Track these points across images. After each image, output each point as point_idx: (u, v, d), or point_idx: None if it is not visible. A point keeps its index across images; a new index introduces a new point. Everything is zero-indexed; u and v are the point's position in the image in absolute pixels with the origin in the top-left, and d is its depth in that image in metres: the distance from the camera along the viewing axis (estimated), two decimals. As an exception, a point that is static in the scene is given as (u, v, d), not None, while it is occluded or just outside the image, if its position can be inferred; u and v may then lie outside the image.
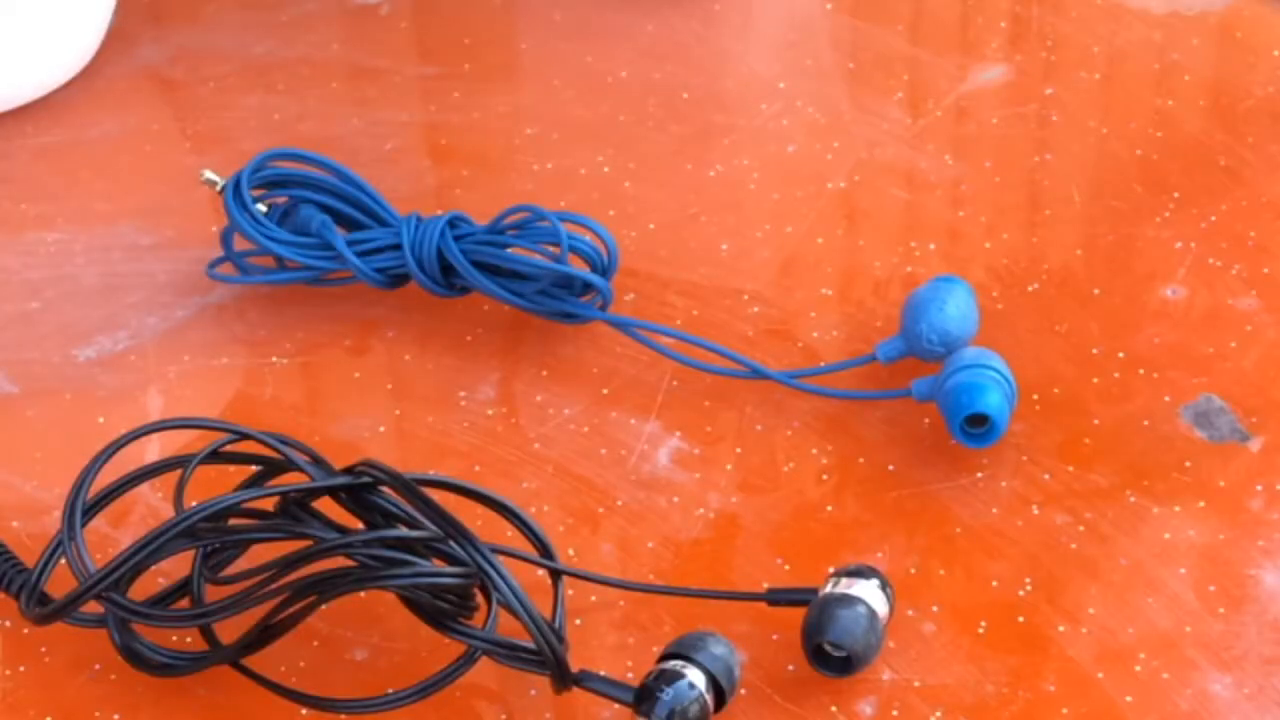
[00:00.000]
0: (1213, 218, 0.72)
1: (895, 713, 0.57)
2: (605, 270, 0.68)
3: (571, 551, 0.61)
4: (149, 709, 0.58)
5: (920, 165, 0.76)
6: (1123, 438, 0.64)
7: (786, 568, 0.61)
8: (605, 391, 0.67)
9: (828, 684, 0.57)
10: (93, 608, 0.57)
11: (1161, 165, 0.75)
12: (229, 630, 0.57)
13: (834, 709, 0.57)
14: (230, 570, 0.57)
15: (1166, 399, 0.65)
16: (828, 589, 0.57)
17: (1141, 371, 0.66)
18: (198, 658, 0.58)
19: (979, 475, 0.63)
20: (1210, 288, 0.69)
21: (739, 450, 0.65)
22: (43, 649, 0.60)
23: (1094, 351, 0.67)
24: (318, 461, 0.58)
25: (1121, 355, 0.67)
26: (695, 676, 0.55)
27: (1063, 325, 0.68)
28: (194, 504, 0.56)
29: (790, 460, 0.64)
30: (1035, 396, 0.65)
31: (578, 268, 0.67)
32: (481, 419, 0.66)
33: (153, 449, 0.64)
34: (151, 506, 0.63)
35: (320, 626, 0.59)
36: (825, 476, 0.64)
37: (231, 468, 0.59)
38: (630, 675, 0.57)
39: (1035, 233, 0.73)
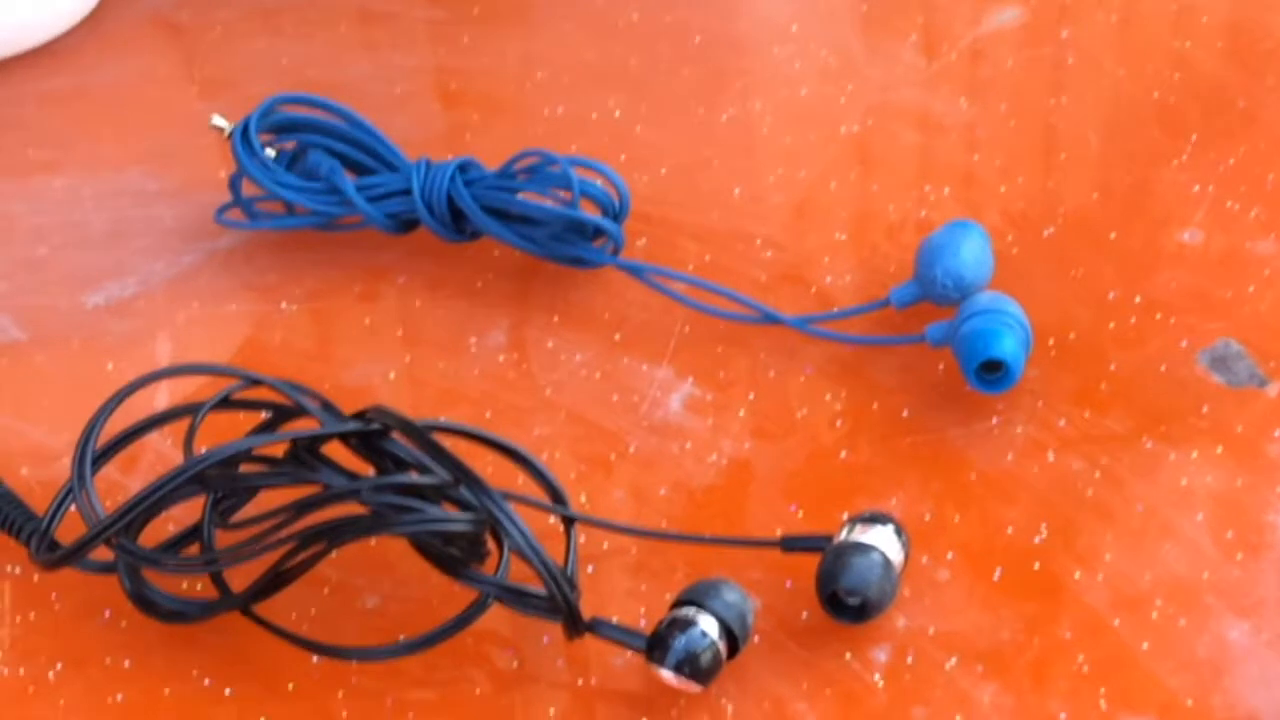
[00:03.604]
0: (1231, 160, 0.72)
1: (910, 660, 0.56)
2: (617, 215, 0.67)
3: (583, 498, 0.61)
4: (160, 655, 0.58)
5: (935, 108, 0.75)
6: (1139, 383, 0.64)
7: (800, 514, 0.60)
8: (617, 337, 0.67)
9: (842, 631, 0.57)
10: (103, 554, 0.57)
11: (1179, 107, 0.74)
12: (240, 577, 0.57)
13: (848, 656, 0.56)
14: (240, 516, 0.57)
15: (1183, 343, 0.65)
16: (842, 536, 0.57)
17: (1158, 316, 0.66)
18: (208, 605, 0.57)
19: (994, 421, 0.63)
20: (1228, 231, 0.69)
21: (752, 396, 0.64)
22: (53, 595, 0.59)
23: (1110, 296, 0.67)
24: (328, 407, 0.58)
25: (1138, 299, 0.66)
26: (708, 624, 0.55)
27: (1079, 270, 0.68)
28: (204, 450, 0.56)
29: (804, 406, 0.64)
30: (1051, 341, 0.65)
31: (589, 213, 0.67)
32: (492, 365, 0.66)
33: (162, 396, 0.64)
34: (161, 453, 0.63)
35: (331, 574, 0.59)
36: (839, 422, 0.63)
37: (241, 414, 0.59)
38: (643, 622, 0.57)
39: (1051, 176, 0.72)
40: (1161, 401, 0.63)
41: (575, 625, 0.55)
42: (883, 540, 0.56)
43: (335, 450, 0.57)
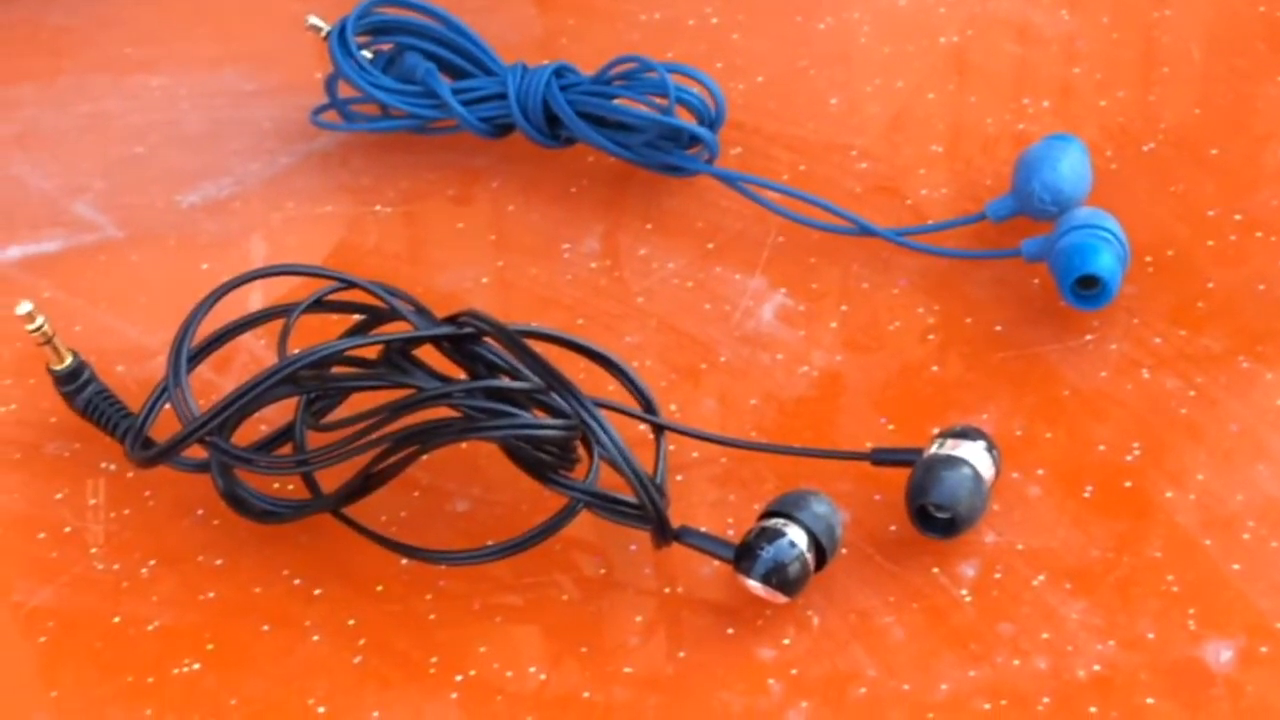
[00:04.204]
0: (1337, 77, 0.71)
1: (998, 575, 0.56)
2: (712, 123, 0.67)
3: (674, 407, 0.61)
4: (251, 554, 0.58)
5: (1035, 19, 0.74)
6: (1237, 301, 0.63)
7: (890, 427, 0.60)
8: (710, 246, 0.66)
9: (930, 545, 0.57)
10: (196, 453, 0.57)
11: (1285, 22, 0.73)
12: (330, 479, 0.57)
13: (936, 570, 0.56)
14: (333, 418, 0.57)
15: (1283, 263, 0.64)
16: (933, 450, 0.57)
17: (1258, 234, 0.65)
18: (299, 505, 0.58)
19: (1088, 337, 0.62)
20: (1332, 149, 0.68)
21: (844, 308, 0.64)
22: (147, 493, 0.60)
23: (1210, 213, 0.66)
24: (421, 311, 0.58)
25: (1238, 217, 0.66)
26: (796, 535, 0.55)
27: (1178, 186, 0.67)
28: (297, 351, 0.56)
29: (896, 319, 0.63)
30: (1148, 258, 0.64)
31: (684, 120, 0.66)
32: (585, 271, 0.66)
33: (256, 296, 0.64)
34: (255, 354, 0.63)
35: (421, 477, 0.59)
36: (931, 336, 0.63)
37: (334, 316, 0.59)
38: (731, 532, 0.57)
39: (1152, 90, 0.71)
40: (1259, 321, 0.62)
41: (663, 533, 0.55)
42: (973, 455, 0.56)
43: (427, 354, 0.58)
